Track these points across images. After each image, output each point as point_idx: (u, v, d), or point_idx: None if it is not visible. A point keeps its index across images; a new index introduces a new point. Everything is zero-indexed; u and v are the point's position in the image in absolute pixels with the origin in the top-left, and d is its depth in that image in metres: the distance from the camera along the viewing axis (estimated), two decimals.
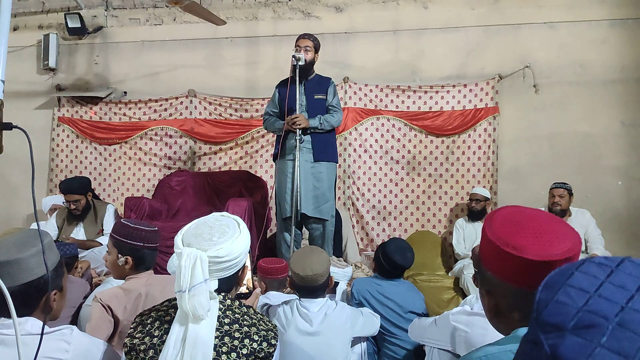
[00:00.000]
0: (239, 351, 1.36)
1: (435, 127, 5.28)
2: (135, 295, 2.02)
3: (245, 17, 5.77)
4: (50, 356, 1.37)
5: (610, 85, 5.07)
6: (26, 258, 1.36)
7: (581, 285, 0.49)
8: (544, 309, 0.49)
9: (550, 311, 0.48)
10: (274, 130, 4.03)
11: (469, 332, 1.90)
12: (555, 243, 0.99)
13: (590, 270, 0.51)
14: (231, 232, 1.45)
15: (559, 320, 0.47)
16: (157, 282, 2.10)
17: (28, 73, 6.13)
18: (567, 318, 0.46)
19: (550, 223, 1.06)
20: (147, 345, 1.37)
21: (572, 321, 0.46)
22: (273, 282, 2.79)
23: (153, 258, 2.16)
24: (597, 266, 0.51)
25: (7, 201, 5.96)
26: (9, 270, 1.34)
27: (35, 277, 1.38)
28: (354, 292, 2.84)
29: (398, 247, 2.87)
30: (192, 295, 1.31)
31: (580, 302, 0.47)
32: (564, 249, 0.98)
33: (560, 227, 1.05)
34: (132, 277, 2.08)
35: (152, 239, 2.11)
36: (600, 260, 0.52)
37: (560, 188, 4.38)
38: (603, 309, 0.46)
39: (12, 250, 1.37)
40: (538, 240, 1.00)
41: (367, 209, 5.39)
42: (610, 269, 0.50)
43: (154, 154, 5.81)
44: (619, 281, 0.49)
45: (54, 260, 1.47)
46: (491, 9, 5.32)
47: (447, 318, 2.03)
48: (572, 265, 0.53)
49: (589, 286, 0.49)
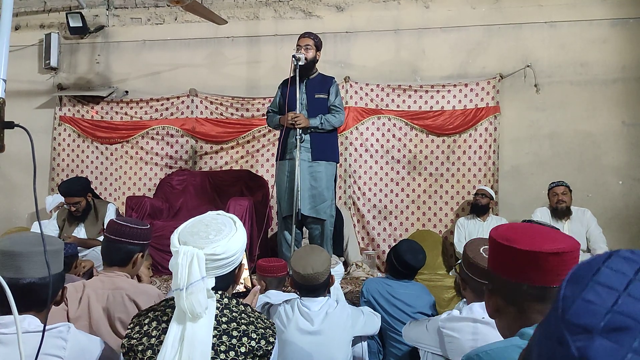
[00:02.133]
0: (237, 349, 1.36)
1: (436, 126, 5.28)
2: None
3: (246, 17, 5.78)
4: (48, 353, 1.38)
5: (611, 84, 5.07)
6: (39, 254, 1.38)
7: (609, 282, 0.47)
8: (570, 307, 0.46)
9: (578, 310, 0.46)
10: (274, 126, 4.06)
11: (459, 337, 1.90)
12: (547, 242, 1.06)
13: (618, 266, 0.48)
14: (227, 230, 1.45)
15: (587, 322, 0.44)
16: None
17: (29, 72, 6.14)
18: (596, 319, 0.44)
19: (549, 231, 1.14)
20: (145, 346, 1.37)
21: (601, 323, 0.43)
22: (273, 280, 2.79)
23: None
24: (625, 261, 0.49)
25: (8, 200, 5.98)
26: (20, 264, 1.38)
27: (41, 276, 1.40)
28: (364, 290, 2.87)
29: (409, 248, 2.90)
30: (189, 293, 1.31)
31: (609, 301, 0.45)
32: (554, 247, 1.04)
33: (557, 234, 1.12)
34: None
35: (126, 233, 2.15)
36: (626, 255, 0.50)
37: (561, 186, 4.39)
38: (634, 310, 0.43)
39: (34, 244, 1.41)
40: (530, 238, 1.08)
41: (368, 208, 5.39)
42: (638, 264, 0.48)
43: (155, 153, 5.82)
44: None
45: (59, 268, 1.50)
46: (492, 8, 5.32)
47: (436, 324, 2.03)
48: (599, 259, 0.50)
49: (618, 284, 0.46)
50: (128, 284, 2.08)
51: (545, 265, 1.04)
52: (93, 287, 2.06)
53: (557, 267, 1.04)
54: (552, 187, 4.45)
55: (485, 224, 4.71)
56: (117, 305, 2.00)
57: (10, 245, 1.41)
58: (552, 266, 1.04)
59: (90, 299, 2.02)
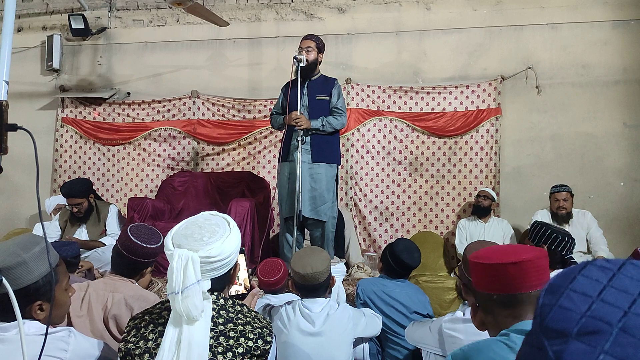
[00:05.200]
0: (235, 350, 1.36)
1: (437, 128, 5.28)
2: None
3: (248, 19, 5.79)
4: (50, 354, 1.38)
5: (612, 86, 5.07)
6: (10, 267, 1.35)
7: (584, 289, 0.49)
8: (548, 315, 0.49)
9: (554, 317, 0.48)
10: (278, 127, 4.07)
11: (462, 339, 1.90)
12: (508, 256, 1.24)
13: (593, 274, 0.51)
14: (221, 232, 1.43)
15: (562, 327, 0.47)
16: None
17: (32, 74, 6.16)
18: (570, 324, 0.46)
19: (515, 247, 1.33)
20: (142, 349, 1.37)
21: (575, 327, 0.46)
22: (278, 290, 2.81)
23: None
24: (599, 269, 0.51)
25: (10, 202, 5.99)
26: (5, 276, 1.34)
27: (20, 286, 1.36)
28: (360, 292, 2.85)
29: (405, 247, 2.89)
30: (185, 296, 1.30)
31: (583, 307, 0.47)
32: (512, 259, 1.22)
33: (523, 248, 1.30)
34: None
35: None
36: (602, 264, 0.52)
37: (563, 192, 4.37)
38: (606, 314, 0.45)
39: (11, 253, 1.38)
40: (494, 254, 1.27)
41: (370, 209, 5.39)
42: (612, 272, 0.50)
43: (157, 154, 5.83)
44: (621, 285, 0.48)
45: (41, 272, 1.42)
46: (493, 10, 5.33)
47: (440, 325, 2.03)
48: (575, 269, 0.53)
49: (592, 290, 0.49)
50: (129, 288, 2.10)
51: (507, 275, 1.22)
52: (95, 288, 2.09)
53: (518, 276, 1.21)
54: (554, 192, 4.42)
55: (487, 225, 4.71)
56: (114, 308, 2.02)
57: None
58: (513, 275, 1.21)
59: (91, 299, 2.04)
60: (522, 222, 4.98)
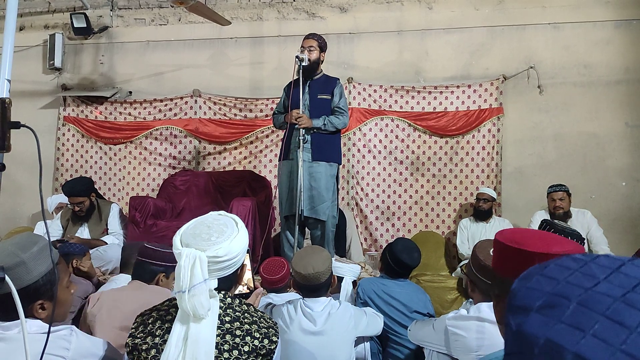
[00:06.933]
0: (241, 349, 1.37)
1: (439, 127, 5.28)
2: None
3: (249, 18, 5.79)
4: (52, 353, 1.38)
5: (614, 86, 5.06)
6: (9, 268, 1.34)
7: (553, 274, 0.52)
8: (516, 295, 0.52)
9: (520, 296, 0.51)
10: (280, 126, 4.06)
11: (466, 336, 1.90)
12: (555, 245, 1.10)
13: (565, 263, 0.53)
14: (229, 232, 1.44)
15: (525, 303, 0.50)
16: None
17: (34, 73, 6.16)
18: (533, 301, 0.49)
19: (554, 236, 1.19)
20: (149, 345, 1.38)
21: (537, 302, 0.49)
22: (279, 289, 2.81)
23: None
24: (573, 260, 0.53)
25: (12, 200, 5.99)
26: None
27: (20, 286, 1.35)
28: (360, 291, 2.84)
29: (405, 246, 2.88)
30: (192, 295, 1.31)
31: (548, 288, 0.50)
32: (563, 249, 1.08)
33: (563, 239, 1.17)
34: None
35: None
36: (577, 256, 0.54)
37: (559, 191, 4.35)
38: (567, 291, 0.48)
39: (9, 254, 1.38)
40: (539, 240, 1.12)
41: (371, 209, 5.39)
42: (584, 262, 0.52)
43: (158, 153, 5.84)
44: (589, 271, 0.50)
45: (41, 271, 1.41)
46: (495, 9, 5.32)
47: (443, 323, 2.03)
48: (551, 260, 0.55)
49: (560, 275, 0.51)
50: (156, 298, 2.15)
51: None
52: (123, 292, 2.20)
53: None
54: (550, 192, 4.41)
55: (489, 225, 4.71)
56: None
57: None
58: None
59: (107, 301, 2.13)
60: (523, 222, 4.97)
